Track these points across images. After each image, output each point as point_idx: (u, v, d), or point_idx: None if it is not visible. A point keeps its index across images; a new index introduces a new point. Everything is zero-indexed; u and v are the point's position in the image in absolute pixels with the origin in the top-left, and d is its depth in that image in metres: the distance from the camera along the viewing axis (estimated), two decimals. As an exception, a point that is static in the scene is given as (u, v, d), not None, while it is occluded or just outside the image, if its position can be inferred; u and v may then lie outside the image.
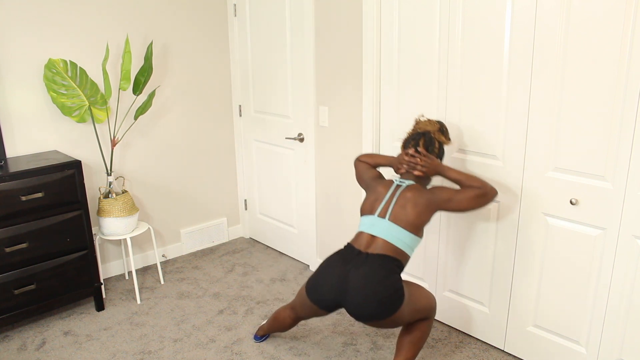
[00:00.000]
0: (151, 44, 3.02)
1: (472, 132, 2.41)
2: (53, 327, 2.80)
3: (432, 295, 2.20)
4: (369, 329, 2.74)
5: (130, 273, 3.42)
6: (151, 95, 3.06)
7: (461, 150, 2.47)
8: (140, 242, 3.50)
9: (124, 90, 3.01)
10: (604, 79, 1.94)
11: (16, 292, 2.64)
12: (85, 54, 3.02)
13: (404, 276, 2.93)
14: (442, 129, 2.21)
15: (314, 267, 3.42)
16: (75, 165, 2.72)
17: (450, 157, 2.51)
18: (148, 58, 3.01)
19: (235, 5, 3.54)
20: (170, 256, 3.66)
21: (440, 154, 2.21)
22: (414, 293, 2.10)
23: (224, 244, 3.90)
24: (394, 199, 2.10)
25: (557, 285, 2.26)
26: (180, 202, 3.64)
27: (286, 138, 3.32)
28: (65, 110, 2.89)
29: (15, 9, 2.75)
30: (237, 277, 3.36)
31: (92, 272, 2.88)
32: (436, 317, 2.80)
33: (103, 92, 3.05)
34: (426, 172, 2.13)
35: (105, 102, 3.01)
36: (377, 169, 2.34)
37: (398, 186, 2.14)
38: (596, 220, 2.08)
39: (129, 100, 3.21)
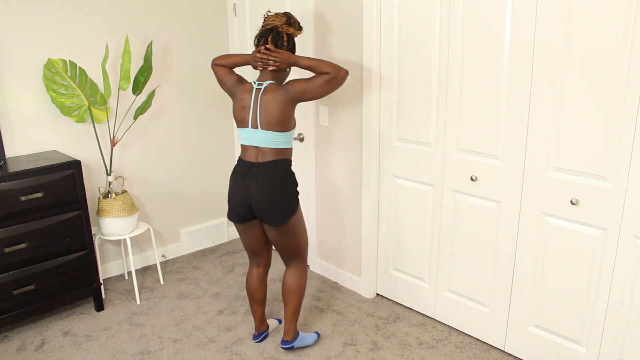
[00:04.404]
0: (151, 43, 3.01)
1: (472, 131, 2.40)
2: (52, 328, 2.80)
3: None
4: (369, 328, 2.74)
5: (129, 273, 3.42)
6: (151, 95, 3.06)
7: (461, 150, 2.47)
8: (140, 242, 3.50)
9: (124, 90, 3.01)
10: (604, 78, 1.93)
11: (15, 292, 2.63)
12: (84, 53, 3.01)
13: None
14: (289, 21, 2.29)
15: (314, 267, 3.42)
16: (74, 165, 2.71)
17: (451, 157, 2.51)
18: (148, 58, 3.00)
19: (235, 5, 3.53)
20: (170, 256, 3.65)
21: (290, 46, 2.30)
22: (301, 222, 2.39)
23: (224, 244, 3.89)
24: (258, 105, 2.24)
25: (558, 286, 2.25)
26: (180, 202, 3.63)
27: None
28: (65, 110, 2.89)
29: (15, 8, 2.75)
30: (237, 277, 3.35)
31: (92, 273, 2.88)
32: (436, 317, 2.80)
33: (102, 92, 3.05)
34: (279, 65, 2.24)
35: (104, 102, 3.00)
36: (235, 71, 2.44)
37: (258, 90, 2.27)
38: (597, 220, 2.07)
39: (128, 100, 3.20)
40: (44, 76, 2.83)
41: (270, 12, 2.35)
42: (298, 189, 2.35)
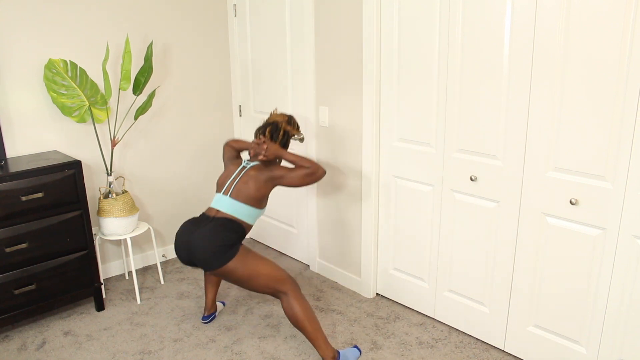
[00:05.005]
0: (151, 44, 3.02)
1: (472, 131, 2.41)
2: (53, 327, 2.80)
3: (278, 269, 2.39)
4: (369, 328, 2.75)
5: (130, 273, 3.42)
6: (151, 96, 3.06)
7: (461, 150, 2.47)
8: (141, 242, 3.50)
9: (124, 90, 3.01)
10: (604, 78, 1.94)
11: (16, 292, 2.64)
12: (85, 54, 3.02)
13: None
14: (290, 120, 2.62)
15: (314, 267, 3.42)
16: (75, 166, 2.72)
17: (451, 157, 2.52)
18: (148, 58, 3.01)
19: (235, 5, 3.54)
20: (170, 256, 3.66)
21: (284, 141, 2.59)
22: (253, 259, 2.35)
23: (224, 244, 3.90)
24: (239, 177, 2.50)
25: (557, 285, 2.26)
26: (180, 202, 3.64)
27: None
28: (66, 111, 2.89)
29: (16, 8, 2.76)
30: (237, 277, 3.36)
31: (92, 272, 2.88)
32: (436, 317, 2.80)
33: (103, 92, 3.05)
34: (267, 157, 2.51)
35: (105, 102, 3.01)
36: (239, 152, 2.77)
37: (244, 167, 2.55)
38: (596, 220, 2.08)
39: (129, 101, 3.21)
40: (45, 76, 2.83)
41: (276, 110, 2.65)
42: (240, 241, 2.39)
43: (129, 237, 3.01)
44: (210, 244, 2.28)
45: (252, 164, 2.54)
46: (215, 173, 3.78)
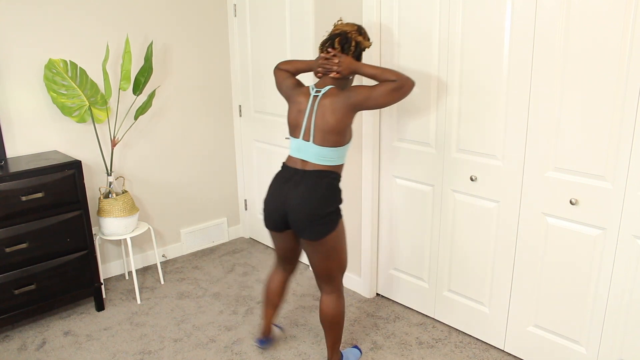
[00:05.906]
0: (151, 44, 3.02)
1: (471, 131, 2.41)
2: (53, 327, 2.80)
3: (347, 261, 2.30)
4: (369, 328, 2.75)
5: (130, 273, 3.42)
6: (151, 96, 3.06)
7: (461, 150, 2.47)
8: (141, 242, 3.50)
9: (124, 90, 3.01)
10: (604, 78, 1.94)
11: (16, 292, 2.64)
12: (85, 54, 3.02)
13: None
14: (359, 30, 2.17)
15: (314, 267, 3.42)
16: (75, 166, 2.72)
17: (451, 157, 2.52)
18: (148, 58, 3.01)
19: (235, 5, 3.54)
20: (170, 256, 3.66)
21: (356, 53, 2.16)
22: (343, 241, 2.19)
23: (224, 244, 3.90)
24: (314, 112, 2.10)
25: (557, 285, 2.26)
26: (180, 202, 3.64)
27: (286, 138, 3.32)
28: (66, 111, 2.89)
29: (16, 9, 2.76)
30: (237, 277, 3.36)
31: (92, 272, 2.88)
32: (436, 317, 2.80)
33: (103, 92, 3.05)
34: (341, 72, 2.11)
35: (105, 102, 3.01)
36: (296, 77, 2.34)
37: (315, 96, 2.13)
38: (596, 220, 2.08)
39: (129, 101, 3.21)
40: (45, 76, 2.83)
41: (341, 20, 2.23)
42: (342, 206, 2.17)
43: (129, 237, 3.01)
44: (313, 209, 2.05)
45: (323, 90, 2.12)
46: (216, 173, 3.78)
